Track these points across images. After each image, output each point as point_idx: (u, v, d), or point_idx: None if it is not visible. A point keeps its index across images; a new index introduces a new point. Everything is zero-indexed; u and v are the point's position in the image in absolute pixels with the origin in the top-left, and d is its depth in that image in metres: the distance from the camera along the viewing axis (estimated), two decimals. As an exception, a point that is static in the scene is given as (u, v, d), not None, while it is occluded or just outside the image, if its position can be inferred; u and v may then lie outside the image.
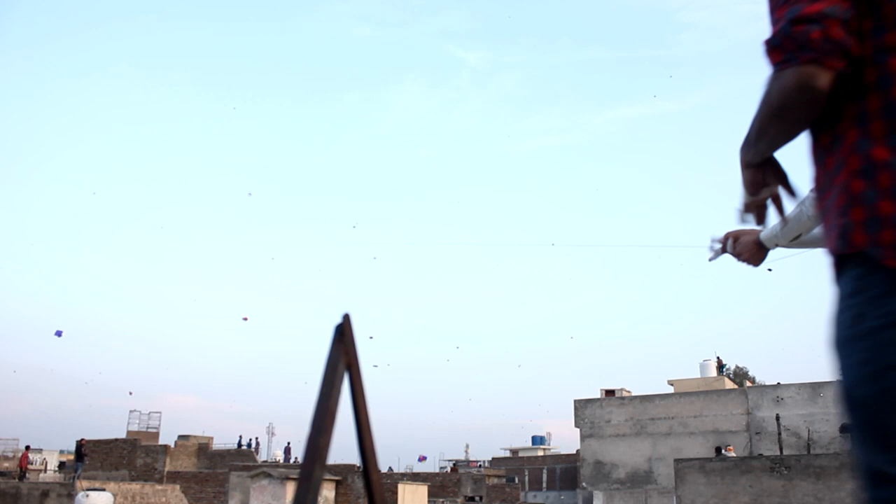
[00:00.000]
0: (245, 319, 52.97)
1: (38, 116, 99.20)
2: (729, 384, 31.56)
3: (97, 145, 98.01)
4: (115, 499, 22.89)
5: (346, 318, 1.67)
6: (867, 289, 1.14)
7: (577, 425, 34.07)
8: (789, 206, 1.71)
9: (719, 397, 27.21)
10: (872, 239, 1.14)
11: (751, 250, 2.29)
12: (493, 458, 57.12)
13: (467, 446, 66.90)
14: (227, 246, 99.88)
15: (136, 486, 26.45)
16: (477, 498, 35.10)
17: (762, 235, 2.26)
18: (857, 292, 1.16)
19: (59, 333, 33.79)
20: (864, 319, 1.14)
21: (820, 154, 1.27)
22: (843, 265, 1.20)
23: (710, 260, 2.41)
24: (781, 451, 21.82)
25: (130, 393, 42.04)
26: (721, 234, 2.36)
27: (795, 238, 2.18)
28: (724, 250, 2.39)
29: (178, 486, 28.76)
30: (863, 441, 1.15)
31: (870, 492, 1.14)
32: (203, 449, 42.64)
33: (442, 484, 35.20)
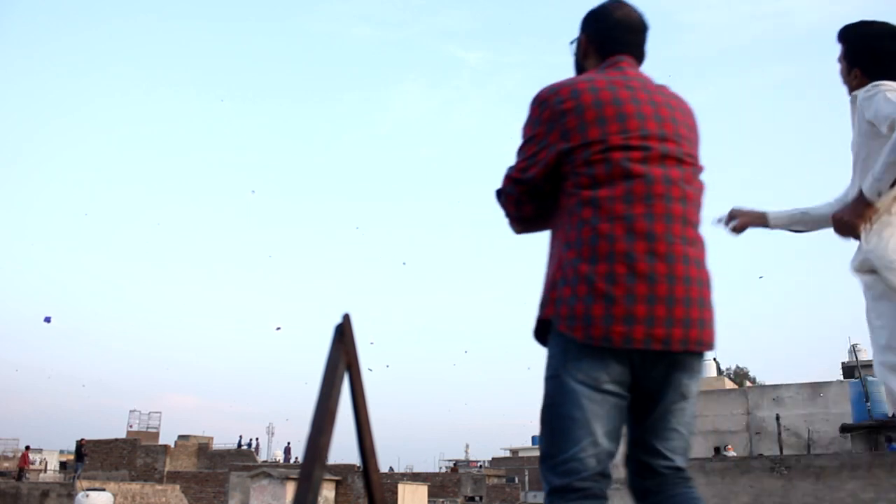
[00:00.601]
0: (279, 329, 52.12)
1: (38, 116, 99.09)
2: (729, 384, 31.53)
3: (97, 145, 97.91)
4: (115, 499, 22.89)
5: (346, 318, 1.67)
6: (552, 347, 1.70)
7: (577, 425, 33.95)
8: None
9: (719, 397, 27.16)
10: (555, 312, 1.67)
11: (751, 221, 2.92)
12: (493, 458, 57.12)
13: (467, 446, 66.99)
14: (227, 246, 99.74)
15: (136, 486, 26.44)
16: (477, 498, 35.09)
17: (773, 214, 2.93)
18: (550, 348, 1.71)
19: (47, 319, 33.16)
20: (548, 369, 1.70)
21: (552, 244, 1.81)
22: (547, 325, 1.73)
23: (713, 224, 3.02)
24: (781, 451, 21.79)
25: (132, 414, 41.36)
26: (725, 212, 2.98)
27: (797, 230, 2.92)
28: (722, 222, 2.98)
29: (178, 486, 28.75)
30: (541, 448, 1.70)
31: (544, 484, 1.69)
32: (203, 449, 42.60)
33: (442, 484, 35.19)
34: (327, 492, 28.86)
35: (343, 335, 1.65)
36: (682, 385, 1.70)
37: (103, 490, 22.70)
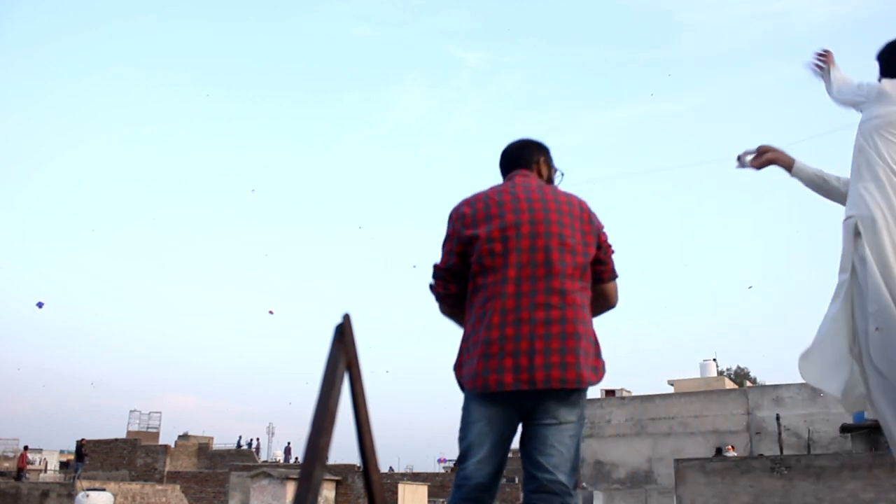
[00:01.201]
0: (271, 313, 51.97)
1: (38, 116, 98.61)
2: (729, 384, 31.53)
3: (97, 145, 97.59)
4: (115, 499, 22.88)
5: (346, 318, 1.67)
6: (464, 392, 2.35)
7: (577, 425, 33.87)
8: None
9: (719, 397, 27.15)
10: (460, 373, 2.34)
11: (776, 159, 3.12)
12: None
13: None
14: (227, 246, 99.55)
15: (136, 486, 26.44)
16: (477, 498, 34.98)
17: (800, 164, 3.08)
18: (464, 392, 2.36)
19: (40, 305, 32.57)
20: (464, 402, 2.35)
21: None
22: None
23: (737, 168, 3.22)
24: (781, 451, 21.78)
25: (132, 414, 40.82)
26: (751, 154, 3.22)
27: (810, 189, 3.07)
28: (747, 160, 3.17)
29: (178, 486, 28.76)
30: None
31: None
32: (203, 449, 42.61)
33: (442, 484, 35.20)
34: (327, 492, 28.86)
35: (343, 335, 1.65)
36: (557, 412, 2.24)
37: (103, 490, 22.70)
